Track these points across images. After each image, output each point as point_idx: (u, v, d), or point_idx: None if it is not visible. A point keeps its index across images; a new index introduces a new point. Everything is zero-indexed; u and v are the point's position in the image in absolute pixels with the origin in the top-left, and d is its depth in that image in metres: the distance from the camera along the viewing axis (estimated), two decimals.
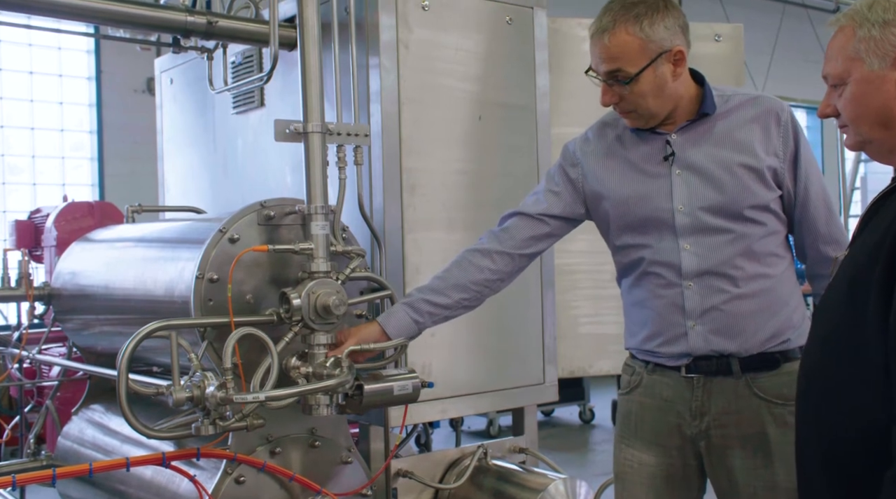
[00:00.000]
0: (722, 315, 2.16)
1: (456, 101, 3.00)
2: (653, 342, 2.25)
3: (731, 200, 2.15)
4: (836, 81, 1.66)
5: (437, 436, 6.31)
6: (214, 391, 2.27)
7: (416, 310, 2.36)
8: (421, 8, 2.92)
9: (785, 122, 2.19)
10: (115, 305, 3.02)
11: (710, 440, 2.20)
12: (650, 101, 2.15)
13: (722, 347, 2.16)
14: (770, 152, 2.17)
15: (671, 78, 2.15)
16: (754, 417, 2.16)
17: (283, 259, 2.53)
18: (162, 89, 4.05)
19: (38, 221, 4.93)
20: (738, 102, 2.22)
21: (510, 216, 2.39)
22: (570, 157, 2.37)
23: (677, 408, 2.23)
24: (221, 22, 3.01)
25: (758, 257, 2.17)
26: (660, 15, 2.12)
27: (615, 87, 2.16)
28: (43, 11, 2.85)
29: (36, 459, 3.53)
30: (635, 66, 2.12)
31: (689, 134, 2.21)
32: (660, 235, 2.21)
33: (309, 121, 2.50)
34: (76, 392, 3.62)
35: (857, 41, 1.62)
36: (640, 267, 2.26)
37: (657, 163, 2.22)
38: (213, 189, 3.70)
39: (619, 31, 2.12)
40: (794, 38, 13.85)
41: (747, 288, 2.16)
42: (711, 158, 2.18)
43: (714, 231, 2.17)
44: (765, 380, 2.17)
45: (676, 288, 2.19)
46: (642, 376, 2.31)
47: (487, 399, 3.08)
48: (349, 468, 2.69)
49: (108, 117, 9.13)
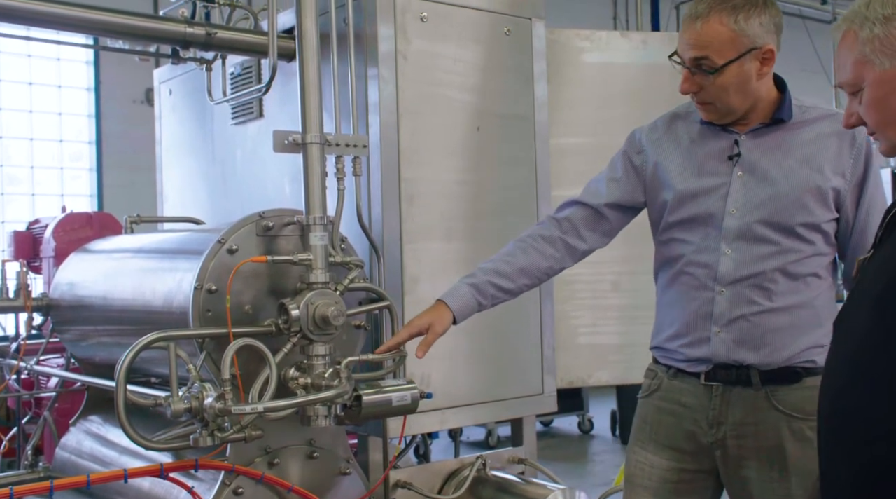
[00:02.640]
0: (749, 326, 2.13)
1: (454, 112, 3.01)
2: (676, 342, 2.23)
3: (784, 214, 2.11)
4: (852, 89, 1.59)
5: (435, 447, 6.30)
6: (213, 402, 2.26)
7: (482, 292, 2.32)
8: (419, 19, 2.93)
9: (860, 145, 2.14)
10: (114, 315, 3.02)
11: (727, 450, 2.17)
12: (731, 95, 2.11)
13: (742, 358, 2.13)
14: (838, 172, 2.13)
15: (756, 76, 2.10)
16: (772, 429, 2.13)
17: (282, 270, 2.53)
18: (161, 100, 4.06)
19: (37, 231, 4.92)
20: (815, 115, 2.17)
21: (570, 204, 2.37)
22: (637, 144, 2.34)
23: (695, 415, 2.20)
24: (220, 33, 3.02)
25: (798, 275, 2.13)
26: (757, 10, 2.08)
27: (697, 76, 2.11)
28: (42, 23, 2.86)
29: (33, 470, 3.51)
30: (723, 58, 2.07)
31: (760, 138, 2.17)
32: (705, 234, 2.18)
33: (308, 132, 2.50)
34: (74, 403, 3.61)
35: (862, 43, 1.54)
36: (678, 264, 2.23)
37: (721, 161, 2.19)
38: (211, 200, 3.70)
39: (713, 19, 2.07)
40: (792, 49, 13.85)
41: (780, 303, 2.12)
42: (777, 166, 2.14)
43: (759, 241, 2.13)
44: (785, 393, 2.13)
45: (709, 292, 2.16)
46: (662, 380, 2.28)
47: (486, 410, 3.08)
48: (348, 479, 2.68)
49: (107, 128, 9.14)
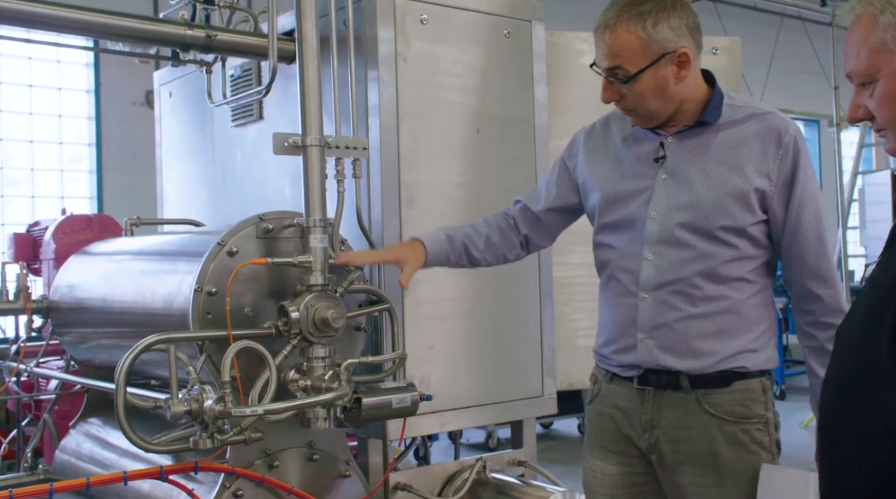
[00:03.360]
0: (672, 333, 2.09)
1: (454, 114, 3.01)
2: (608, 348, 2.23)
3: (703, 217, 2.06)
4: (863, 79, 1.44)
5: (435, 449, 6.29)
6: (213, 405, 2.26)
7: (454, 248, 2.42)
8: (419, 21, 2.93)
9: (786, 144, 2.07)
10: (114, 318, 3.02)
11: (661, 455, 2.13)
12: (650, 101, 2.08)
13: (669, 364, 2.09)
14: (762, 173, 2.06)
15: (674, 80, 2.07)
16: (704, 433, 2.08)
17: (282, 272, 2.53)
18: (161, 102, 4.06)
19: (37, 234, 4.92)
20: (744, 115, 2.12)
21: (517, 203, 2.49)
22: (572, 146, 2.39)
23: (630, 419, 2.18)
24: (220, 35, 3.02)
25: (722, 280, 2.07)
26: (665, 14, 2.04)
27: (615, 85, 2.10)
28: (43, 25, 2.86)
29: (33, 473, 3.52)
30: (635, 66, 2.05)
31: (686, 140, 2.13)
32: (629, 239, 2.16)
33: (308, 134, 2.50)
34: (74, 406, 3.61)
35: (882, 30, 1.39)
36: (608, 269, 2.23)
37: (647, 164, 2.17)
38: (211, 202, 3.70)
39: (621, 28, 2.05)
40: (792, 51, 13.89)
41: (704, 308, 2.07)
42: (698, 169, 2.10)
43: (679, 245, 2.09)
44: (716, 397, 2.08)
45: (632, 298, 2.14)
46: (602, 385, 2.26)
47: (486, 412, 3.08)
48: (348, 482, 2.68)
49: (107, 130, 9.13)
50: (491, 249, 2.45)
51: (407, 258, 2.38)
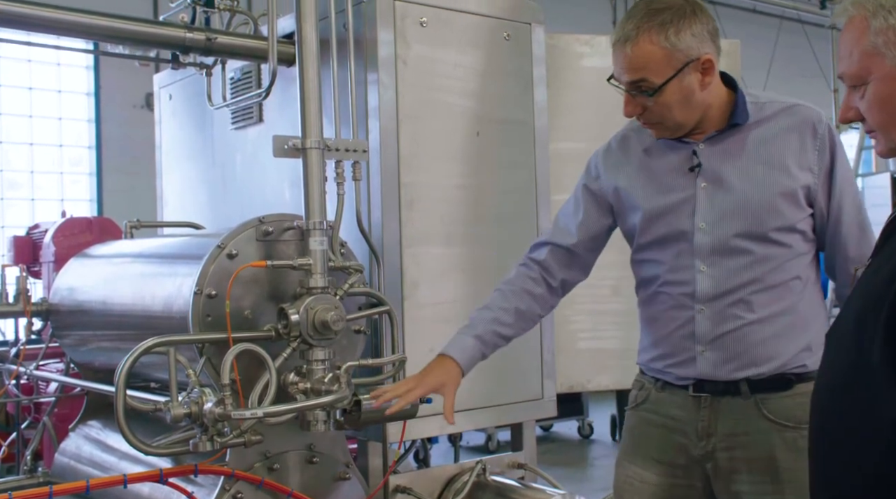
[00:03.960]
0: (734, 342, 2.04)
1: (454, 117, 3.01)
2: (661, 363, 2.15)
3: (756, 221, 2.02)
4: (854, 82, 1.44)
5: (435, 451, 6.29)
6: (212, 407, 2.26)
7: (486, 342, 2.26)
8: (419, 24, 2.93)
9: (822, 135, 2.04)
10: (113, 320, 3.02)
11: (717, 463, 2.09)
12: (676, 112, 2.03)
13: (732, 375, 2.05)
14: (804, 168, 2.03)
15: (699, 87, 2.02)
16: (763, 440, 2.04)
17: (282, 275, 2.53)
18: (161, 105, 4.06)
19: (37, 236, 4.92)
20: (773, 111, 2.07)
21: (543, 245, 2.32)
22: (593, 171, 2.28)
23: (684, 427, 2.12)
24: (220, 38, 3.02)
25: (778, 283, 2.04)
26: (687, 21, 1.98)
27: (638, 98, 2.03)
28: (43, 28, 2.86)
29: (33, 475, 3.51)
30: (660, 77, 1.98)
31: (719, 145, 2.08)
32: (677, 252, 2.10)
33: (307, 137, 2.50)
34: (73, 408, 3.60)
35: (873, 33, 1.39)
36: (654, 285, 2.16)
37: (682, 174, 2.10)
38: (211, 205, 3.70)
39: (643, 40, 1.97)
40: (791, 54, 13.91)
41: (763, 313, 2.04)
42: (741, 172, 2.05)
43: (734, 253, 2.04)
44: (775, 402, 2.04)
45: (688, 311, 2.08)
46: (650, 392, 2.20)
47: (486, 414, 3.07)
48: (347, 484, 2.68)
49: (107, 133, 9.14)
50: (523, 319, 2.30)
51: (445, 383, 2.17)
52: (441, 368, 2.18)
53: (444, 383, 2.16)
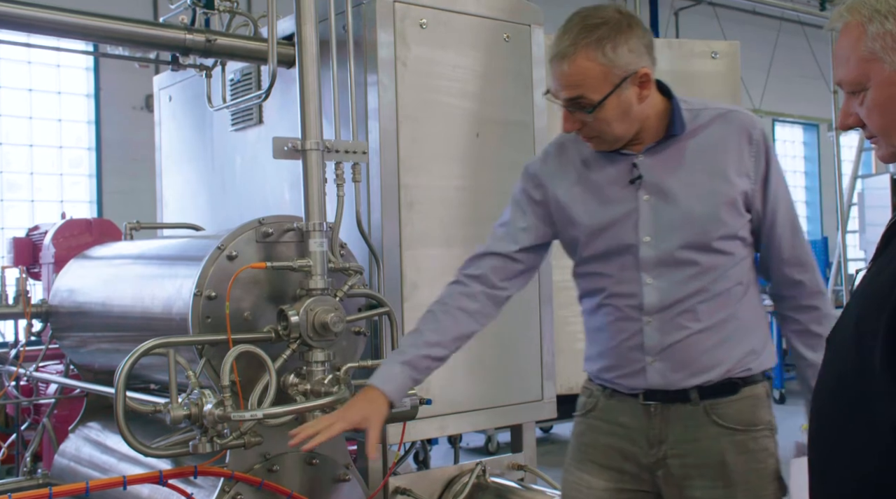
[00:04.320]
0: (682, 352, 2.03)
1: (454, 118, 3.02)
2: (611, 373, 2.13)
3: (701, 232, 2.02)
4: (853, 88, 1.43)
5: (435, 453, 6.28)
6: (212, 409, 2.26)
7: (417, 368, 2.14)
8: (419, 26, 2.93)
9: (757, 141, 2.05)
10: (113, 322, 3.02)
11: (669, 470, 2.07)
12: (615, 126, 2.00)
13: (681, 384, 2.04)
14: (742, 174, 2.04)
15: (637, 101, 1.99)
16: (713, 445, 2.04)
17: (282, 276, 2.53)
18: (160, 106, 4.07)
19: (36, 238, 4.92)
20: (708, 118, 2.06)
21: (480, 257, 2.21)
22: (533, 179, 2.20)
23: (634, 435, 2.10)
24: (220, 40, 3.02)
25: (722, 290, 2.04)
26: (623, 36, 1.95)
27: (577, 114, 2.00)
28: (43, 30, 2.86)
29: (32, 477, 3.51)
30: (599, 93, 1.95)
31: (659, 155, 2.06)
32: (622, 265, 2.07)
33: (307, 138, 2.51)
34: (73, 410, 3.61)
35: (871, 39, 1.38)
36: (600, 297, 2.12)
37: (623, 187, 2.07)
38: (211, 206, 3.71)
39: (580, 56, 1.94)
40: (790, 54, 13.92)
41: (709, 322, 2.03)
42: (683, 183, 2.03)
43: (680, 264, 2.03)
44: (724, 406, 2.05)
45: (636, 323, 2.06)
46: (599, 399, 2.17)
47: (486, 416, 3.08)
48: (347, 486, 2.68)
49: (107, 134, 9.14)
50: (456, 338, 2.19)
51: (368, 417, 2.06)
52: (365, 400, 2.09)
53: (367, 417, 2.06)
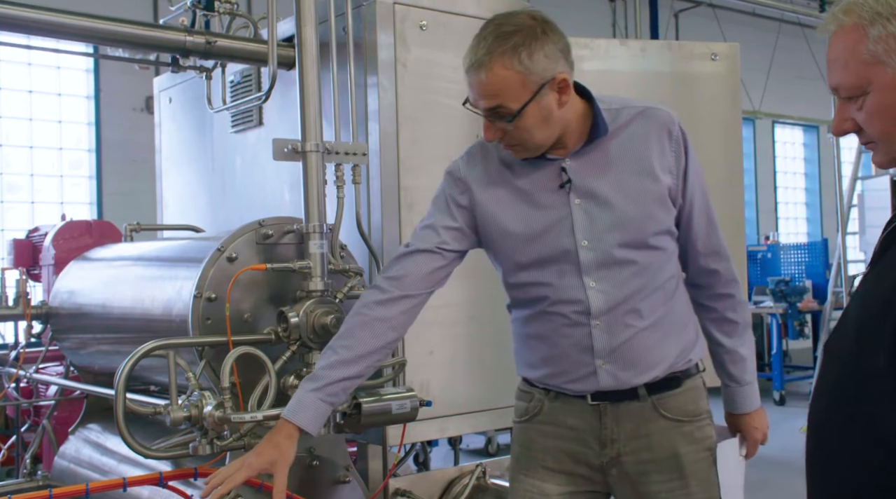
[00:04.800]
0: (630, 350, 2.04)
1: (454, 120, 3.01)
2: (558, 380, 2.10)
3: (636, 231, 2.03)
4: (852, 92, 1.38)
5: (435, 454, 6.28)
6: (212, 411, 2.26)
7: (331, 393, 2.05)
8: (419, 27, 2.93)
9: (676, 136, 2.07)
10: (113, 324, 3.02)
11: (623, 467, 2.08)
12: (536, 133, 1.98)
13: (631, 382, 2.05)
14: (665, 170, 2.05)
15: (556, 106, 1.98)
16: (664, 438, 2.08)
17: (281, 278, 2.53)
18: (161, 108, 4.07)
19: (36, 239, 4.92)
20: (628, 117, 2.07)
21: (403, 257, 2.12)
22: (459, 183, 2.14)
23: (584, 436, 2.09)
24: (220, 42, 3.02)
25: (659, 285, 2.07)
26: (538, 43, 1.93)
27: (498, 124, 1.98)
28: (43, 32, 2.86)
29: (32, 479, 3.51)
30: (517, 102, 1.93)
31: (585, 158, 2.05)
32: (561, 271, 2.04)
33: (307, 140, 2.51)
34: (73, 411, 3.60)
35: (873, 42, 1.33)
36: (542, 305, 2.08)
37: (552, 191, 2.05)
38: (211, 208, 3.71)
39: (496, 65, 1.91)
40: (790, 56, 13.92)
41: (652, 318, 2.05)
42: (611, 185, 2.03)
43: (620, 264, 2.03)
44: (669, 400, 2.08)
45: (584, 328, 2.04)
46: (543, 403, 2.14)
47: (486, 417, 3.08)
48: (347, 488, 2.68)
49: (107, 136, 9.15)
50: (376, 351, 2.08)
51: (274, 461, 1.99)
52: (271, 444, 2.01)
53: (273, 461, 2.00)
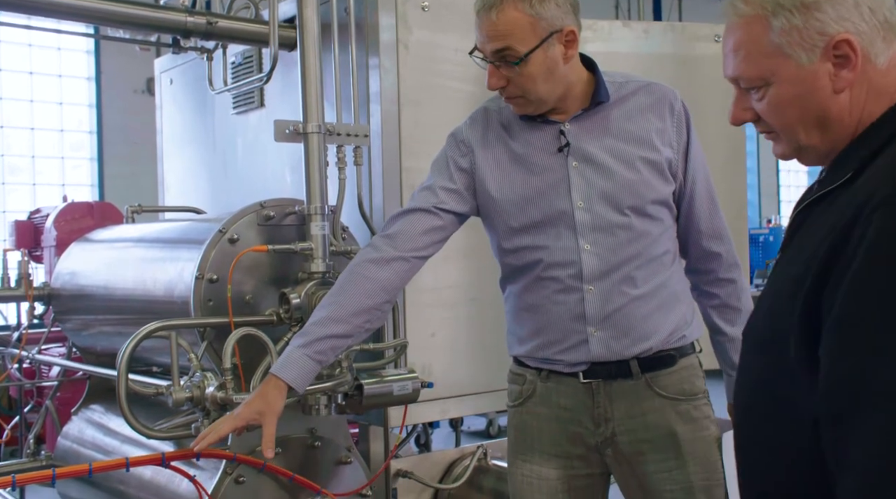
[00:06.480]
0: (624, 319, 2.02)
1: (455, 102, 3.00)
2: (549, 350, 2.08)
3: (633, 195, 2.03)
4: (753, 84, 1.36)
5: (436, 436, 6.30)
6: (214, 391, 2.27)
7: (319, 351, 2.04)
8: (421, 9, 2.92)
9: (678, 112, 2.08)
10: (115, 305, 3.02)
11: (618, 447, 2.07)
12: (540, 84, 1.99)
13: (624, 353, 2.03)
14: (665, 143, 2.06)
15: (562, 60, 1.99)
16: (660, 416, 2.06)
17: (283, 259, 2.53)
18: (162, 90, 4.05)
19: (38, 221, 4.93)
20: (631, 89, 2.09)
21: (399, 216, 2.12)
22: (461, 146, 2.15)
23: (578, 416, 2.07)
24: (221, 22, 3.01)
25: (655, 256, 2.06)
26: None
27: (503, 69, 1.99)
28: (43, 12, 2.85)
29: (35, 459, 3.53)
30: (525, 46, 1.95)
31: (585, 124, 2.06)
32: (557, 234, 2.04)
33: (308, 121, 2.50)
34: (76, 392, 3.62)
35: (776, 34, 1.31)
36: (535, 271, 2.07)
37: (550, 154, 2.05)
38: (212, 189, 3.70)
39: (508, 7, 1.94)
40: None
41: (645, 288, 2.04)
42: (609, 150, 2.04)
43: (616, 228, 2.02)
44: (664, 378, 2.06)
45: (577, 293, 2.02)
46: (535, 384, 2.12)
47: (487, 399, 3.08)
48: (349, 469, 2.69)
49: (108, 118, 9.14)
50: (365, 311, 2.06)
51: (262, 412, 2.02)
52: (259, 396, 2.04)
53: (262, 412, 2.03)
